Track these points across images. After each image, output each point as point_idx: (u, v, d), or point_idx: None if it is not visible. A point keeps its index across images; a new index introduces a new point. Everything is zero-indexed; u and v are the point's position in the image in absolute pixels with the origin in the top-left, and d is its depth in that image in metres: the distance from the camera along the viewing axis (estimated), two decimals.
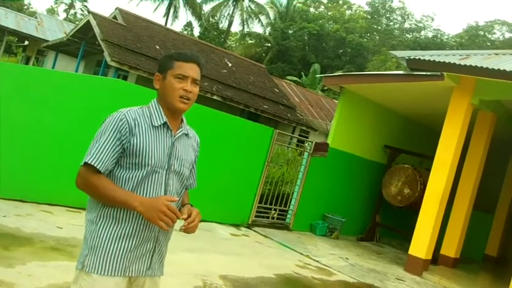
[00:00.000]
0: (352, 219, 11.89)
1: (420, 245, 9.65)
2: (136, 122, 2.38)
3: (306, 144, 11.11)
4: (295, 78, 35.78)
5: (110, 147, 2.32)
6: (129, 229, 2.38)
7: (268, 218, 10.50)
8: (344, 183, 11.77)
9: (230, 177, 9.55)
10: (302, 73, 38.24)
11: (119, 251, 2.36)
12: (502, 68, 8.81)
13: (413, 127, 13.73)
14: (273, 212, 10.58)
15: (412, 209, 10.83)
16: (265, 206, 10.37)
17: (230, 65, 22.48)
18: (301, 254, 8.89)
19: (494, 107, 10.82)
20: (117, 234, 2.36)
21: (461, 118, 9.76)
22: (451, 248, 10.95)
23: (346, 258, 9.47)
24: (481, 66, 9.05)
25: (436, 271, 9.95)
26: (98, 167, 2.30)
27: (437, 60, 9.62)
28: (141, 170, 2.37)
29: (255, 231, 9.80)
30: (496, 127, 11.39)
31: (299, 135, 21.21)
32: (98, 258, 2.34)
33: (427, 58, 9.83)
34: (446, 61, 9.46)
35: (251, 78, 22.59)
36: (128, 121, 2.36)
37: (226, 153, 9.43)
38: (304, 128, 21.84)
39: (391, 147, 12.54)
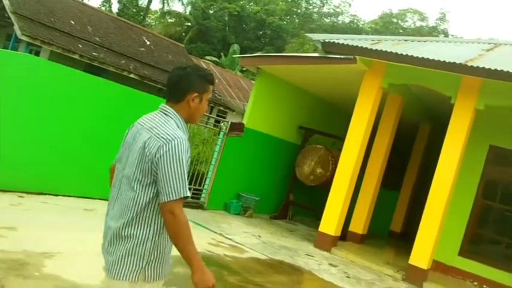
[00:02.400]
0: (266, 198, 12.12)
1: (330, 222, 10.02)
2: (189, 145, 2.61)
3: (222, 124, 11.15)
4: (214, 59, 35.64)
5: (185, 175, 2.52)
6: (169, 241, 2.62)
7: None
8: (259, 162, 11.95)
9: None
10: (222, 53, 38.13)
11: (169, 259, 2.67)
12: (409, 54, 9.24)
13: (327, 108, 14.13)
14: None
15: (324, 188, 11.17)
16: None
17: (148, 43, 22.07)
18: (215, 232, 8.98)
19: (402, 91, 11.33)
20: (169, 246, 2.63)
21: (372, 100, 10.16)
22: (358, 225, 11.46)
23: (259, 236, 9.68)
24: (391, 51, 9.45)
25: (344, 247, 10.39)
26: (189, 196, 2.52)
27: (350, 44, 9.94)
28: None
29: None
30: (404, 110, 11.94)
31: (217, 115, 21.25)
32: (157, 268, 2.58)
33: (341, 42, 10.12)
34: (359, 45, 9.79)
35: (169, 57, 22.31)
36: (189, 146, 2.58)
37: None
38: (221, 108, 21.88)
39: (306, 128, 12.85)
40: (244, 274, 7.01)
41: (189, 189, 2.64)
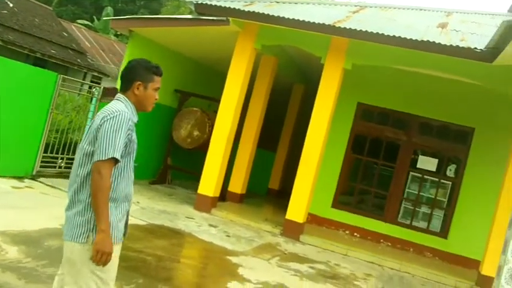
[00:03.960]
0: (144, 163, 11.79)
1: (208, 184, 10.11)
2: (132, 120, 2.95)
3: (94, 90, 10.70)
4: (86, 22, 33.88)
5: (123, 143, 2.84)
6: (123, 209, 3.00)
7: (55, 167, 10.01)
8: (135, 128, 11.63)
9: (8, 126, 8.78)
10: (94, 17, 36.36)
11: (120, 225, 2.95)
12: (281, 15, 9.40)
13: (203, 71, 14.03)
14: (61, 161, 10.11)
15: (202, 150, 11.19)
16: (51, 155, 9.84)
17: (11, 5, 20.43)
18: None
19: (275, 52, 11.54)
20: (119, 213, 2.93)
21: (246, 62, 10.25)
22: (237, 185, 11.68)
23: (138, 202, 9.53)
24: (262, 13, 9.55)
25: (223, 207, 10.56)
26: (118, 160, 2.82)
27: (223, 5, 9.88)
28: (131, 155, 2.99)
29: (40, 182, 9.29)
30: (278, 71, 12.20)
31: (91, 81, 20.38)
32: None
33: (213, 3, 10.02)
34: (232, 7, 9.77)
35: (36, 21, 20.87)
36: (131, 120, 2.93)
37: (1, 101, 8.64)
38: (95, 73, 21.01)
39: (181, 91, 12.69)
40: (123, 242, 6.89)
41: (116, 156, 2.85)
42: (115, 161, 2.79)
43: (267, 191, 14.68)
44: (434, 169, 11.17)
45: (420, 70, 10.10)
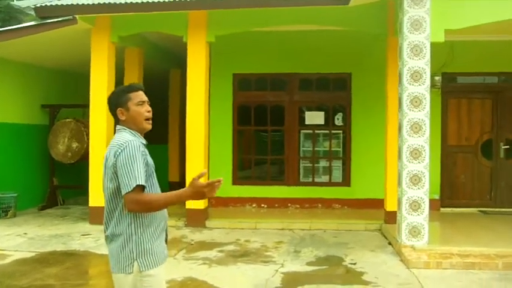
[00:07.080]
0: (27, 191, 10.96)
1: (98, 194, 9.44)
2: (142, 144, 2.95)
3: None
4: None
5: (143, 168, 2.81)
6: (157, 226, 2.96)
7: None
8: (6, 155, 10.67)
9: None
10: None
11: (159, 245, 2.95)
12: (130, 1, 8.87)
13: (68, 79, 12.89)
14: None
15: (86, 161, 10.45)
16: None
17: None
18: None
19: (138, 42, 10.99)
20: (154, 234, 2.92)
21: (106, 59, 9.68)
22: None
23: (25, 234, 8.74)
24: (109, 3, 9.00)
25: None
26: (144, 185, 2.77)
27: (65, 4, 9.20)
28: (152, 177, 2.97)
29: None
30: (147, 61, 11.64)
31: None
32: (149, 257, 2.87)
33: (54, 3, 9.31)
34: (75, 3, 9.13)
35: None
36: (141, 146, 2.90)
37: None
38: None
39: (49, 105, 11.75)
40: (7, 281, 6.22)
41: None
42: (142, 187, 2.76)
43: (169, 184, 14.13)
44: (322, 122, 11.17)
45: (285, 27, 9.98)
